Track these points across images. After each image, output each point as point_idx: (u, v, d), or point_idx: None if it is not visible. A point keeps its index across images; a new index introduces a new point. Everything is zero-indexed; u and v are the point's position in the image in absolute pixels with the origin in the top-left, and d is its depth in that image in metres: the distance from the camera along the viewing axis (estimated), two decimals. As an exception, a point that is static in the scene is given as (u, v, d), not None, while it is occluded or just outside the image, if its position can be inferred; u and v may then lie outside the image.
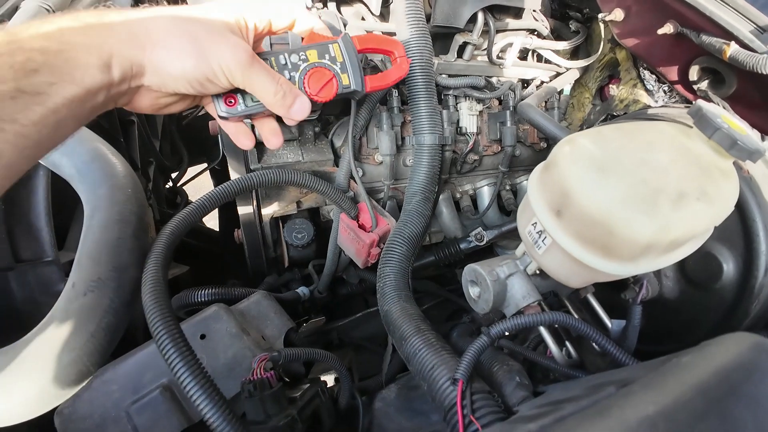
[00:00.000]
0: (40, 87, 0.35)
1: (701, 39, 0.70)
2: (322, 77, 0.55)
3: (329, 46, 0.57)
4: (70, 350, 0.44)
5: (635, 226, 0.39)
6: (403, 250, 0.67)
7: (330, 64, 0.56)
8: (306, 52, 0.55)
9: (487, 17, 0.87)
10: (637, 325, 0.53)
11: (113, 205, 0.51)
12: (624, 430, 0.24)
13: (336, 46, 0.57)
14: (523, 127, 0.98)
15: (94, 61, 0.39)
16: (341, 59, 0.57)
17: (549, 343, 0.51)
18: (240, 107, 0.52)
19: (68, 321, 0.45)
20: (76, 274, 0.47)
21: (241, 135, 0.55)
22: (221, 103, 0.51)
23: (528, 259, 0.52)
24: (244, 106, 0.52)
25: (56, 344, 0.44)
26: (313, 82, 0.55)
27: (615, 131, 0.47)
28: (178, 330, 0.45)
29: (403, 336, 0.53)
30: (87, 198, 0.52)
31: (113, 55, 0.40)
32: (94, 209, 0.50)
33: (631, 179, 0.40)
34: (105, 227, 0.49)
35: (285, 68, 0.54)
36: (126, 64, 0.41)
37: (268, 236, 0.91)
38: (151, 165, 1.09)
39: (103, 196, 0.51)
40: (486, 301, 0.52)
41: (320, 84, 0.55)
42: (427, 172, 0.76)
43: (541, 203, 0.45)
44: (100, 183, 0.52)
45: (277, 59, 0.54)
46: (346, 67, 0.57)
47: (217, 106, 0.51)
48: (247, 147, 0.55)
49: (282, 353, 0.58)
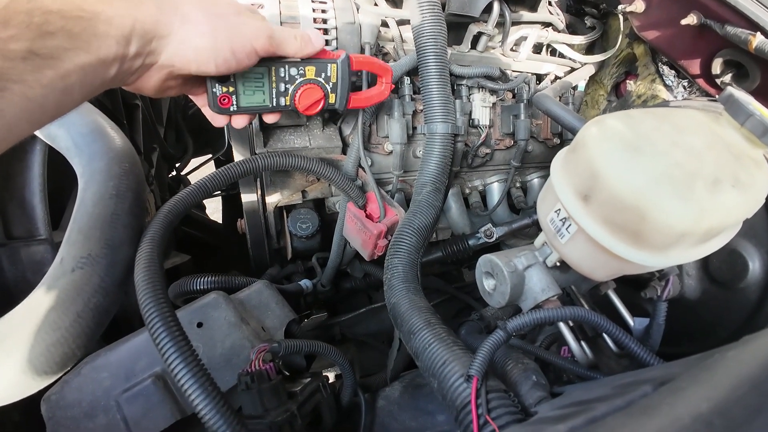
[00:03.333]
0: (53, 51, 0.34)
1: (725, 30, 0.67)
2: (312, 95, 0.59)
3: (328, 65, 0.59)
4: (54, 330, 0.41)
5: (671, 211, 0.36)
6: (412, 241, 0.64)
7: (323, 83, 0.60)
8: (305, 68, 0.57)
9: (502, 7, 0.84)
10: (662, 323, 0.50)
11: (109, 179, 0.48)
12: (677, 429, 0.21)
13: (333, 66, 0.59)
14: (536, 122, 0.95)
15: (113, 32, 0.38)
16: (335, 80, 0.60)
17: (569, 340, 0.48)
18: (232, 108, 0.55)
19: (53, 299, 0.42)
20: (65, 250, 0.44)
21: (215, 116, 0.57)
22: (216, 103, 0.53)
23: (548, 250, 0.49)
24: (236, 107, 0.55)
25: (39, 323, 0.41)
26: (304, 98, 0.58)
27: (644, 114, 0.44)
28: (171, 314, 0.42)
29: (412, 330, 0.50)
30: (82, 171, 0.49)
31: (134, 29, 0.40)
32: (88, 182, 0.48)
33: (666, 161, 0.37)
34: (99, 201, 0.46)
35: (282, 80, 0.56)
36: (146, 38, 0.41)
37: (271, 226, 0.89)
38: (155, 151, 1.07)
39: (99, 170, 0.48)
40: (502, 294, 0.49)
41: (309, 101, 0.59)
42: (439, 161, 0.74)
43: (567, 188, 0.42)
44: (97, 156, 0.50)
45: (278, 70, 0.55)
46: (336, 87, 0.61)
47: (212, 102, 0.53)
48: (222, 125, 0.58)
49: (282, 344, 0.55)
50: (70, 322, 0.42)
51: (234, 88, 0.53)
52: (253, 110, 0.57)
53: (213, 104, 0.53)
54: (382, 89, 0.68)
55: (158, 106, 1.16)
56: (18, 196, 0.58)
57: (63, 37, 0.35)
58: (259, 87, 0.55)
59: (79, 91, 0.38)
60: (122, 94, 0.92)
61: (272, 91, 0.56)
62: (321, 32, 0.67)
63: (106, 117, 0.57)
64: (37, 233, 0.59)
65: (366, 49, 0.72)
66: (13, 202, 0.58)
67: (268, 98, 0.57)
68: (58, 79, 0.35)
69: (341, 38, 0.69)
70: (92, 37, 0.37)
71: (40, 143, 0.59)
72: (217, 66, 0.47)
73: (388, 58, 0.84)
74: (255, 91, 0.55)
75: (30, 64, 0.33)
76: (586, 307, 0.60)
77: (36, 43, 0.33)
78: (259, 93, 0.56)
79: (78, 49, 0.36)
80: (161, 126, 1.16)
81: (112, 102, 0.87)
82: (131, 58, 0.41)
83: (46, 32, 0.34)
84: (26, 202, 0.58)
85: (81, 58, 0.36)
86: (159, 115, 1.17)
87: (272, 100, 0.57)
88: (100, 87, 0.40)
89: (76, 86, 0.37)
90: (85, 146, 0.51)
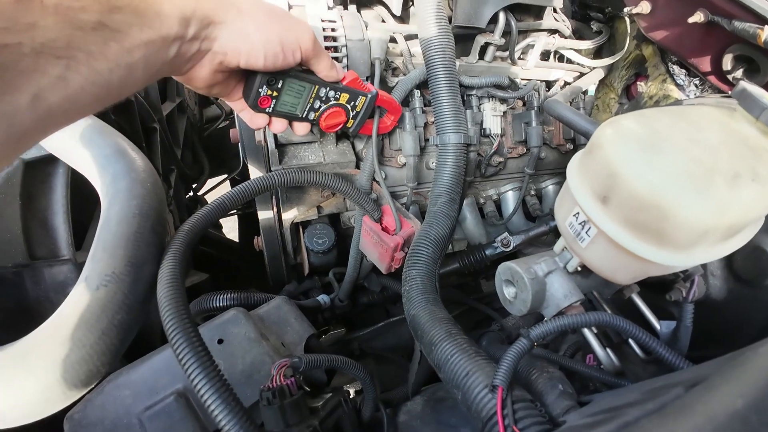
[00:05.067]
0: (120, 25, 0.36)
1: (733, 25, 0.67)
2: (337, 117, 0.65)
3: (359, 95, 0.65)
4: (80, 348, 0.42)
5: (692, 207, 0.35)
6: (429, 252, 0.64)
7: (349, 110, 0.65)
8: (341, 93, 0.63)
9: (508, 17, 0.85)
10: (689, 325, 0.48)
11: (132, 198, 0.49)
12: (714, 427, 0.20)
13: (363, 99, 0.65)
14: (548, 128, 0.94)
15: (175, 12, 0.40)
16: (359, 109, 0.66)
17: (595, 347, 0.46)
18: (268, 109, 0.59)
19: (79, 316, 0.42)
20: (90, 268, 0.45)
21: (256, 117, 0.59)
22: (255, 101, 0.56)
23: (568, 255, 0.48)
24: (272, 110, 0.59)
25: (64, 341, 0.42)
26: (330, 118, 0.64)
27: (658, 112, 0.43)
28: (194, 331, 0.42)
29: (433, 341, 0.50)
30: (105, 191, 0.51)
31: (195, 11, 0.41)
32: (111, 201, 0.49)
33: (684, 157, 0.37)
34: (122, 220, 0.47)
35: (319, 98, 0.61)
36: (204, 22, 0.43)
37: (288, 242, 0.89)
38: (173, 172, 1.09)
39: (122, 189, 0.50)
40: (523, 302, 0.48)
41: (332, 122, 0.65)
42: (452, 172, 0.74)
43: (584, 190, 0.41)
44: (120, 176, 0.51)
45: (319, 89, 0.60)
46: (358, 116, 0.67)
47: (252, 100, 0.56)
48: (261, 126, 0.61)
49: (303, 359, 0.54)
50: (95, 339, 0.43)
51: (278, 93, 0.57)
52: (284, 116, 0.61)
53: (252, 102, 0.56)
54: (388, 124, 0.76)
55: (175, 128, 1.20)
56: (41, 217, 0.60)
57: (129, 12, 0.36)
58: (298, 98, 0.59)
59: (143, 70, 0.39)
60: (140, 116, 0.95)
61: (307, 105, 0.61)
62: (331, 50, 0.69)
63: (126, 139, 0.59)
64: (60, 254, 0.60)
65: (376, 64, 0.74)
66: (36, 223, 0.60)
67: (301, 109, 0.61)
68: (124, 53, 0.36)
69: (351, 54, 0.71)
70: (155, 15, 0.38)
71: (62, 166, 0.61)
72: (265, 59, 0.49)
73: (397, 72, 0.85)
74: (293, 100, 0.59)
75: (99, 35, 0.34)
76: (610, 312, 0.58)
77: (105, 16, 0.34)
78: (296, 103, 0.60)
79: (143, 25, 0.37)
80: (178, 147, 1.19)
81: (131, 125, 0.90)
82: (189, 40, 0.42)
83: (114, 6, 0.35)
84: (49, 223, 0.60)
85: (145, 33, 0.38)
86: (176, 137, 1.20)
87: (303, 112, 0.62)
88: (161, 68, 0.42)
89: (140, 64, 0.38)
90: (109, 166, 0.52)
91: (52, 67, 0.32)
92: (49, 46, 0.31)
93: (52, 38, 0.31)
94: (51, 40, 0.31)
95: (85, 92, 0.35)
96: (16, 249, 0.57)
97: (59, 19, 0.31)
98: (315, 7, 0.70)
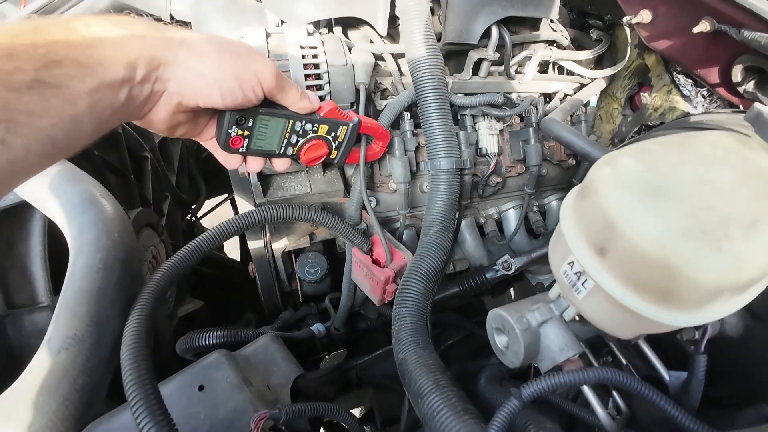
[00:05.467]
0: (60, 78, 0.34)
1: (742, 35, 0.62)
2: (317, 150, 0.61)
3: (340, 126, 0.61)
4: (42, 414, 0.40)
5: (705, 266, 0.31)
6: (419, 288, 0.60)
7: (331, 141, 0.62)
8: (320, 125, 0.59)
9: (501, 31, 0.81)
10: (701, 378, 0.44)
11: (97, 252, 0.47)
12: None
13: (345, 128, 0.62)
14: (548, 144, 0.90)
15: (119, 57, 0.38)
16: (341, 139, 0.63)
17: (595, 407, 0.42)
18: (241, 149, 0.56)
19: (40, 382, 0.40)
20: (53, 329, 0.43)
21: (230, 158, 0.57)
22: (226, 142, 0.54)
23: (565, 303, 0.44)
24: (245, 149, 0.56)
25: (28, 407, 0.40)
26: (310, 152, 0.61)
27: (661, 146, 0.39)
28: (155, 397, 0.40)
29: (420, 392, 0.46)
30: (72, 243, 0.49)
31: (141, 54, 0.40)
32: (77, 255, 0.47)
33: (693, 204, 0.32)
34: (86, 276, 0.45)
35: (296, 133, 0.58)
36: (153, 63, 0.41)
37: (281, 271, 0.87)
38: (166, 200, 1.07)
39: (88, 242, 0.48)
40: (515, 354, 0.44)
41: (313, 156, 0.61)
42: (445, 199, 0.70)
43: (579, 239, 0.37)
44: (86, 227, 0.49)
45: (294, 123, 0.57)
46: (341, 146, 0.64)
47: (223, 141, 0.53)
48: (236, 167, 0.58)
49: (283, 410, 0.51)
50: (57, 405, 0.41)
51: (249, 132, 0.54)
52: (260, 154, 0.58)
53: (224, 143, 0.54)
54: (376, 151, 0.72)
55: (169, 153, 1.18)
56: (20, 264, 0.59)
57: (69, 65, 0.35)
58: (273, 135, 0.57)
59: (90, 120, 0.37)
60: (129, 146, 0.94)
61: (283, 140, 0.58)
62: (313, 77, 0.66)
63: (98, 183, 0.57)
64: (38, 301, 0.59)
65: (361, 89, 0.71)
66: (15, 271, 0.59)
67: (277, 146, 0.58)
68: (67, 106, 0.35)
69: (334, 80, 0.68)
70: (98, 63, 0.37)
71: (39, 212, 0.59)
72: (223, 97, 0.47)
73: (387, 93, 0.82)
74: (267, 137, 0.56)
75: (37, 92, 0.33)
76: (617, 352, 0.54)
77: (41, 72, 0.33)
78: (271, 140, 0.57)
79: (84, 76, 0.36)
80: (173, 173, 1.17)
81: (119, 158, 0.88)
82: (139, 82, 0.40)
83: (51, 61, 0.34)
84: (27, 270, 0.59)
85: (88, 83, 0.36)
86: (170, 162, 1.18)
87: (281, 148, 0.59)
88: (113, 115, 0.40)
89: (85, 114, 0.36)
90: (76, 217, 0.50)
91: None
92: None
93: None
94: None
95: (30, 152, 0.33)
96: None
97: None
98: (294, 35, 0.67)
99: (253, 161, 0.58)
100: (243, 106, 0.50)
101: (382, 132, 0.70)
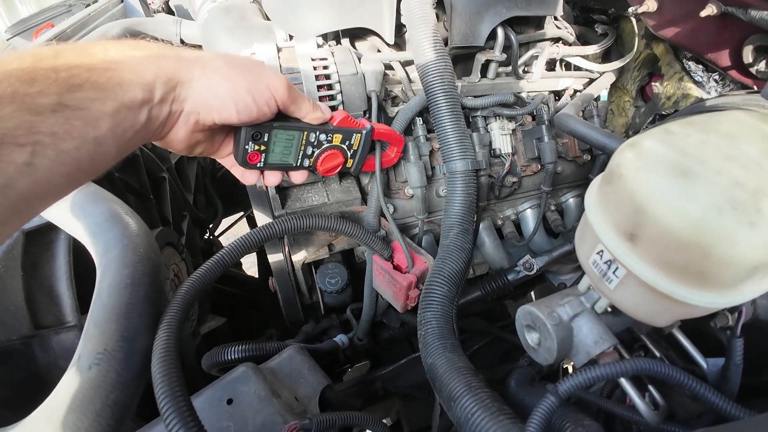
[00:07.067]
0: (81, 102, 0.35)
1: (750, 15, 0.61)
2: (333, 160, 0.62)
3: (353, 134, 0.62)
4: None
5: (740, 241, 0.30)
6: (444, 291, 0.60)
7: (346, 150, 0.63)
8: (333, 135, 0.60)
9: (507, 32, 0.82)
10: (739, 362, 0.42)
11: (124, 267, 0.48)
12: None
13: (358, 136, 0.63)
14: (562, 141, 0.89)
15: (137, 79, 0.39)
16: (356, 147, 0.64)
17: (634, 398, 0.41)
18: (259, 164, 0.57)
19: (71, 399, 0.41)
20: (83, 346, 0.44)
21: (247, 173, 0.58)
22: (244, 158, 0.55)
23: (595, 295, 0.43)
24: (263, 164, 0.57)
25: (59, 426, 0.40)
26: (326, 162, 0.61)
27: (684, 126, 0.38)
28: (188, 409, 0.40)
29: (452, 396, 0.45)
30: (99, 261, 0.50)
31: (158, 75, 0.41)
32: (104, 272, 0.48)
33: (724, 181, 0.31)
34: (114, 292, 0.46)
35: (311, 144, 0.59)
36: (170, 84, 0.42)
37: (302, 283, 0.87)
38: (185, 219, 1.09)
39: (114, 258, 0.48)
40: (548, 350, 0.43)
41: (330, 165, 0.62)
42: (463, 201, 0.70)
43: (607, 226, 0.36)
44: (112, 244, 0.50)
45: (309, 135, 0.58)
46: (356, 154, 0.65)
47: (241, 157, 0.55)
48: (253, 182, 0.59)
49: (314, 420, 0.51)
50: (89, 422, 0.41)
51: (266, 146, 0.55)
52: (277, 168, 0.59)
53: (242, 160, 0.55)
54: (392, 156, 0.72)
55: (185, 173, 1.20)
56: (46, 285, 0.60)
57: (89, 88, 0.36)
58: (289, 148, 0.57)
59: (112, 142, 0.38)
60: (147, 168, 0.96)
61: (299, 152, 0.59)
62: (325, 88, 0.67)
63: (121, 202, 0.58)
64: (65, 320, 0.59)
65: (372, 97, 0.71)
66: (42, 292, 0.60)
67: (293, 159, 0.59)
68: (89, 128, 0.36)
69: (346, 90, 0.69)
70: (117, 85, 0.38)
71: (64, 232, 0.61)
72: (238, 112, 0.47)
73: (397, 101, 0.82)
74: (283, 151, 0.57)
75: (60, 116, 0.34)
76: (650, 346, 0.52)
77: (64, 96, 0.34)
78: (287, 153, 0.58)
79: (105, 98, 0.37)
80: (190, 193, 1.19)
81: (138, 179, 0.90)
82: (158, 103, 0.42)
83: (73, 85, 0.35)
84: (54, 291, 0.60)
85: (108, 105, 0.37)
86: (187, 182, 1.20)
87: (297, 160, 0.60)
88: (135, 136, 0.41)
89: (108, 136, 0.37)
90: (101, 235, 0.51)
91: (17, 155, 0.31)
92: (9, 135, 0.31)
93: (11, 127, 0.31)
94: (10, 129, 0.31)
95: (56, 174, 0.34)
96: (21, 321, 0.57)
97: (16, 108, 0.31)
98: (304, 47, 0.69)
99: (271, 175, 0.59)
100: (258, 121, 0.51)
101: (396, 137, 0.70)
